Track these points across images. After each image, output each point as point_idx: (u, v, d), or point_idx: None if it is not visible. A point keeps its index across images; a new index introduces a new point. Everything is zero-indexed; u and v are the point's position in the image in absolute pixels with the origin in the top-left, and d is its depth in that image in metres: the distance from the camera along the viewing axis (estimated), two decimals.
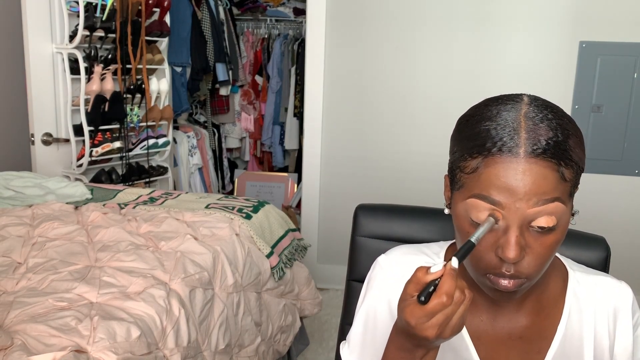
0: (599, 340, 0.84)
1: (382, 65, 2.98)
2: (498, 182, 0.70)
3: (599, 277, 0.87)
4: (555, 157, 0.69)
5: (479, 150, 0.71)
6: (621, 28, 2.75)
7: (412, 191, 3.02)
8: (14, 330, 1.25)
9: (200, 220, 1.97)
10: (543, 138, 0.69)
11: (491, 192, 0.70)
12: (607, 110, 2.82)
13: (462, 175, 0.74)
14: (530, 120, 0.71)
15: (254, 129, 4.55)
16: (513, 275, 0.72)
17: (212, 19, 3.88)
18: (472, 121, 0.75)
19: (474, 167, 0.72)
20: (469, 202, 0.73)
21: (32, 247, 1.72)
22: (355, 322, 0.90)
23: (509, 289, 0.73)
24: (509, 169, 0.69)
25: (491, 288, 0.75)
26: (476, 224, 0.72)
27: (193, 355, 1.50)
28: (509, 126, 0.71)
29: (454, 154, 0.77)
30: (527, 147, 0.69)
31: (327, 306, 2.79)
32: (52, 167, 2.76)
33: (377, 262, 0.90)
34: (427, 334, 0.66)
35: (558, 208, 0.70)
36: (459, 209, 0.75)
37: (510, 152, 0.69)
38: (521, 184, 0.69)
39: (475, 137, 0.73)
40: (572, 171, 0.72)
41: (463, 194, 0.74)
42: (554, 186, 0.70)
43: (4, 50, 3.03)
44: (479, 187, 0.71)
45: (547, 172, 0.69)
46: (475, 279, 0.77)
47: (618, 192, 2.88)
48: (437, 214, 1.15)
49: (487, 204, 0.71)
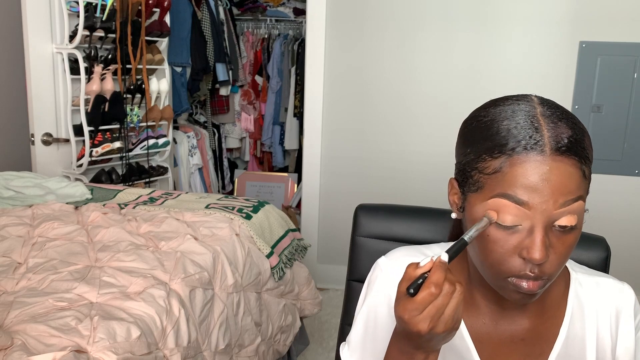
0: (601, 341, 0.84)
1: (382, 65, 2.98)
2: (526, 181, 0.68)
3: (601, 279, 0.87)
4: (577, 154, 0.69)
5: (500, 149, 0.70)
6: (621, 28, 2.75)
7: (412, 191, 3.02)
8: (14, 330, 1.25)
9: (200, 220, 1.97)
10: (565, 136, 0.69)
11: (517, 191, 0.69)
12: (607, 110, 2.82)
13: (480, 177, 0.72)
14: (548, 118, 0.71)
15: (254, 129, 4.55)
16: (537, 276, 0.71)
17: (212, 19, 3.88)
18: (485, 122, 0.74)
19: (496, 167, 0.70)
20: (490, 202, 0.71)
21: (32, 247, 1.72)
22: (356, 323, 0.90)
23: (532, 291, 0.72)
24: (536, 167, 0.68)
25: (513, 291, 0.74)
26: (501, 225, 0.71)
27: (193, 355, 1.50)
28: (530, 124, 0.70)
29: (467, 155, 0.75)
30: (552, 144, 0.68)
31: (327, 306, 2.79)
32: (52, 167, 2.76)
33: (377, 264, 0.90)
34: (420, 328, 0.66)
35: (580, 207, 0.71)
36: (478, 212, 0.73)
37: (536, 151, 0.68)
38: (548, 184, 0.68)
39: (494, 137, 0.71)
40: (589, 168, 0.72)
41: (483, 194, 0.72)
42: (578, 184, 0.70)
43: (4, 50, 3.03)
44: (502, 187, 0.70)
45: (572, 170, 0.69)
46: (495, 284, 0.76)
47: (618, 192, 2.88)
48: (438, 214, 1.15)
49: (512, 204, 0.69)
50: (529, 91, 0.88)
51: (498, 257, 0.72)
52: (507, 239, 0.71)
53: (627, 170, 2.86)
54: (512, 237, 0.71)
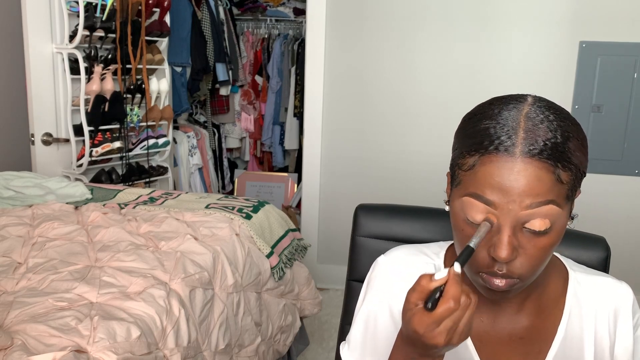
0: (600, 340, 0.84)
1: (382, 65, 2.98)
2: (492, 181, 0.70)
3: (600, 278, 0.87)
4: (552, 158, 0.69)
5: (476, 148, 0.72)
6: (621, 28, 2.75)
7: (412, 191, 3.02)
8: (14, 330, 1.25)
9: (200, 220, 1.97)
10: (541, 139, 0.69)
11: (485, 191, 0.71)
12: (607, 110, 2.82)
13: (459, 172, 0.75)
14: (530, 120, 0.71)
15: (254, 129, 4.55)
16: (505, 274, 0.72)
17: (212, 19, 3.88)
18: (474, 119, 0.75)
19: (470, 165, 0.72)
20: (464, 200, 0.73)
21: (32, 247, 1.72)
22: (355, 323, 0.90)
23: (500, 289, 0.73)
24: (503, 167, 0.69)
25: (484, 287, 0.76)
26: (470, 223, 0.73)
27: (193, 355, 1.50)
28: (508, 125, 0.71)
29: (455, 150, 0.77)
30: (523, 147, 0.69)
31: (327, 306, 2.79)
32: (52, 167, 2.76)
33: (377, 263, 0.90)
34: (437, 341, 0.66)
35: (552, 211, 0.70)
36: (456, 206, 0.76)
37: (506, 151, 0.69)
38: (515, 185, 0.69)
39: (475, 135, 0.73)
40: (570, 174, 0.71)
41: (460, 191, 0.75)
42: (548, 188, 0.69)
43: (4, 50, 3.03)
44: (474, 185, 0.72)
45: (542, 173, 0.69)
46: (470, 277, 0.78)
47: (618, 192, 2.88)
48: (438, 214, 1.15)
49: (481, 204, 0.71)
50: (529, 91, 0.88)
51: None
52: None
53: (627, 170, 2.86)
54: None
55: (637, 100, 2.79)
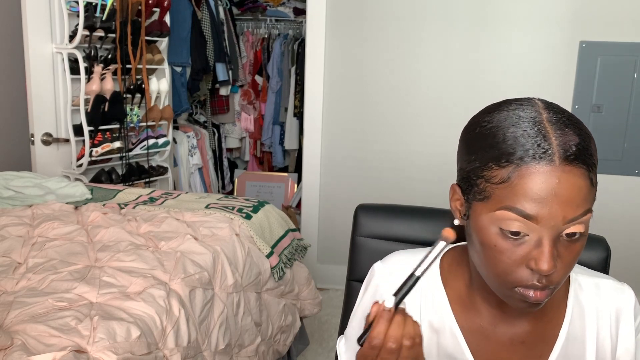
0: (601, 343, 0.83)
1: (382, 65, 2.98)
2: (534, 195, 0.67)
3: (601, 280, 0.86)
4: (585, 162, 0.68)
5: (508, 158, 0.68)
6: (621, 28, 2.75)
7: (412, 191, 3.02)
8: (14, 330, 1.25)
9: (200, 220, 1.97)
10: (573, 143, 0.67)
11: (525, 205, 0.67)
12: (607, 110, 2.82)
13: (487, 186, 0.70)
14: (554, 125, 0.69)
15: (254, 129, 4.55)
16: (544, 286, 0.70)
17: (212, 19, 3.88)
18: (489, 128, 0.72)
19: (504, 177, 0.68)
20: (498, 213, 0.70)
21: (32, 247, 1.72)
22: (353, 319, 0.90)
23: (539, 301, 0.72)
24: (545, 179, 0.66)
25: (519, 300, 0.73)
26: (506, 235, 0.69)
27: (193, 355, 1.50)
28: (537, 132, 0.68)
29: (471, 163, 0.73)
30: (560, 153, 0.67)
31: (327, 306, 2.79)
32: (52, 167, 2.76)
33: (374, 270, 0.89)
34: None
35: (588, 218, 0.70)
36: (484, 221, 0.71)
37: (545, 160, 0.66)
38: (557, 199, 0.67)
39: (500, 145, 0.69)
40: (595, 175, 0.70)
41: (490, 205, 0.70)
42: (585, 196, 0.68)
43: (4, 50, 3.03)
44: (511, 198, 0.68)
45: (580, 180, 0.67)
46: (501, 292, 0.75)
47: (618, 192, 2.88)
48: (438, 214, 1.15)
49: (520, 217, 0.68)
50: (529, 91, 0.88)
51: (505, 268, 0.71)
52: (514, 250, 0.70)
53: (627, 170, 2.86)
54: (519, 248, 0.70)
55: (637, 100, 2.79)
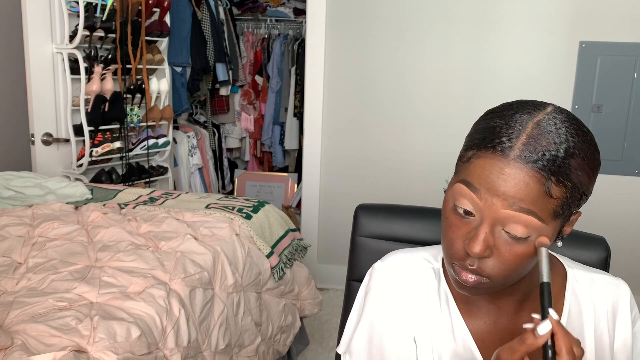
0: (599, 336, 0.84)
1: (382, 65, 2.98)
2: (482, 174, 0.71)
3: (596, 275, 0.88)
4: (546, 170, 0.68)
5: (477, 143, 0.73)
6: (621, 28, 2.75)
7: (412, 191, 3.02)
8: (14, 330, 1.25)
9: (200, 220, 1.97)
10: (541, 148, 0.68)
11: (474, 180, 0.72)
12: (607, 110, 2.82)
13: (459, 164, 0.76)
14: (539, 128, 0.70)
15: (254, 129, 4.55)
16: (475, 270, 0.73)
17: (212, 19, 3.88)
18: (489, 116, 0.76)
19: (468, 157, 0.74)
20: (455, 186, 0.74)
21: (32, 247, 1.72)
22: (358, 333, 0.88)
23: (468, 284, 0.74)
24: (494, 166, 0.70)
25: (454, 278, 0.76)
26: (456, 212, 0.73)
27: (193, 355, 1.50)
28: (514, 128, 0.70)
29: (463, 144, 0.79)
30: (520, 152, 0.69)
31: (327, 306, 2.79)
32: (52, 167, 2.76)
33: (374, 269, 0.88)
34: None
35: (532, 223, 0.69)
36: (447, 196, 0.77)
37: (501, 152, 0.69)
38: (502, 184, 0.69)
39: (481, 132, 0.74)
40: (565, 190, 0.70)
41: (454, 180, 0.76)
42: (533, 198, 0.69)
43: (4, 50, 3.03)
44: (465, 174, 0.73)
45: (532, 182, 0.68)
46: (447, 267, 0.78)
47: (618, 192, 2.88)
48: (438, 214, 1.15)
49: (468, 191, 0.72)
50: (529, 91, 0.88)
51: (449, 241, 0.75)
52: (460, 226, 0.73)
53: (627, 170, 2.86)
54: (464, 225, 0.73)
55: (637, 100, 2.79)
